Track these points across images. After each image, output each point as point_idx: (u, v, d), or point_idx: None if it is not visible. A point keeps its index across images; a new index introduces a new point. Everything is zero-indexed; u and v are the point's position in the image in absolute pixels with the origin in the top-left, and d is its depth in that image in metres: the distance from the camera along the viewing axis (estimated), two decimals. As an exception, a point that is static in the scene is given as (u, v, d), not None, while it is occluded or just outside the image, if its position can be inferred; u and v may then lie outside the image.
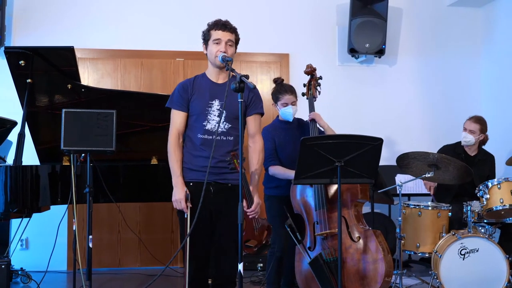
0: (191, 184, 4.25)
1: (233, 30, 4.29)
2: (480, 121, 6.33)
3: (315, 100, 5.42)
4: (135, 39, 7.33)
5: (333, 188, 5.04)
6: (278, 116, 5.44)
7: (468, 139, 6.29)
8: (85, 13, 7.26)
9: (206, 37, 4.29)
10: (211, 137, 4.21)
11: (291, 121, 5.33)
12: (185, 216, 4.18)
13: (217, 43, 4.21)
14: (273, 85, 5.47)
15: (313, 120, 5.29)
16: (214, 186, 4.25)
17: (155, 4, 7.42)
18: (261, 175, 4.63)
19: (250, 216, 4.43)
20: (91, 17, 7.27)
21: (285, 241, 5.12)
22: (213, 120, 4.24)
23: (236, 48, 4.33)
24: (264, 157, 4.62)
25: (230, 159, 4.25)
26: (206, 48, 4.31)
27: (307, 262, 4.89)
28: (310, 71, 5.45)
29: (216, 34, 4.22)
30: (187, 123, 4.33)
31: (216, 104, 4.26)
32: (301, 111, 5.65)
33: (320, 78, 5.46)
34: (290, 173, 5.03)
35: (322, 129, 5.32)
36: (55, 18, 7.20)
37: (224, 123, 4.25)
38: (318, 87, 5.47)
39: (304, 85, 5.46)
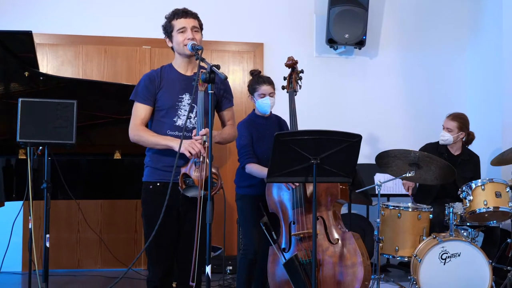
0: (158, 184, 4.20)
1: (195, 15, 4.27)
2: (458, 118, 6.28)
3: (295, 94, 5.41)
4: (99, 24, 7.26)
5: (312, 186, 5.03)
6: (254, 109, 5.42)
7: (445, 137, 6.27)
8: (45, -5, 7.19)
9: (168, 29, 4.26)
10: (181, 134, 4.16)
11: (268, 113, 5.31)
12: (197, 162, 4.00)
13: (182, 31, 4.18)
14: (247, 76, 5.46)
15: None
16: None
17: (121, -13, 7.37)
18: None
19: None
20: (51, -1, 7.21)
21: (259, 243, 5.13)
22: (184, 115, 4.19)
23: (201, 34, 4.31)
24: (235, 132, 4.57)
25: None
26: (171, 41, 4.27)
27: (281, 263, 4.87)
28: (292, 63, 5.43)
29: (179, 23, 4.20)
30: (152, 118, 4.28)
31: (186, 98, 4.21)
32: (281, 105, 5.63)
33: (302, 71, 5.45)
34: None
35: None
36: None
37: (196, 118, 4.22)
38: (299, 81, 5.47)
39: (285, 78, 5.44)
